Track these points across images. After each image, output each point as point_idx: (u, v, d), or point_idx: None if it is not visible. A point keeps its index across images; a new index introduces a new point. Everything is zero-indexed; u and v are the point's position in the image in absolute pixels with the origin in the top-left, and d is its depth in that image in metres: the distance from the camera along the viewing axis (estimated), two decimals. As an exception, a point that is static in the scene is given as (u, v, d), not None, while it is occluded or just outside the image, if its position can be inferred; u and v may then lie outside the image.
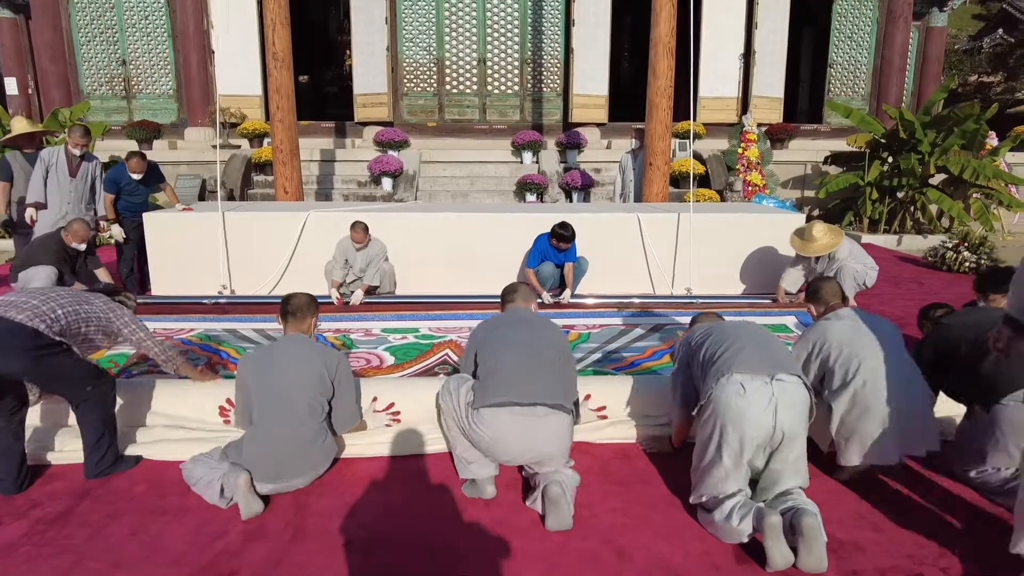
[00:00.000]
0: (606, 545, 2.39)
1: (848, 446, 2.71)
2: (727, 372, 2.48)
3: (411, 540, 2.43)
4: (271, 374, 2.72)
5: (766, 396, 2.41)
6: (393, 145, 11.34)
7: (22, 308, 2.69)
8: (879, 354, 2.70)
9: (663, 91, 7.41)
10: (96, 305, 2.93)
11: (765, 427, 2.39)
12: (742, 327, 2.76)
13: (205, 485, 2.66)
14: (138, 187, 6.18)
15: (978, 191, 9.68)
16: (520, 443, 2.62)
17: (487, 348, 2.81)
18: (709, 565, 2.28)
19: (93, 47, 12.34)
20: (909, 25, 12.95)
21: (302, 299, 2.96)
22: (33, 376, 2.77)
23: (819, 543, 2.22)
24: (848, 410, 2.69)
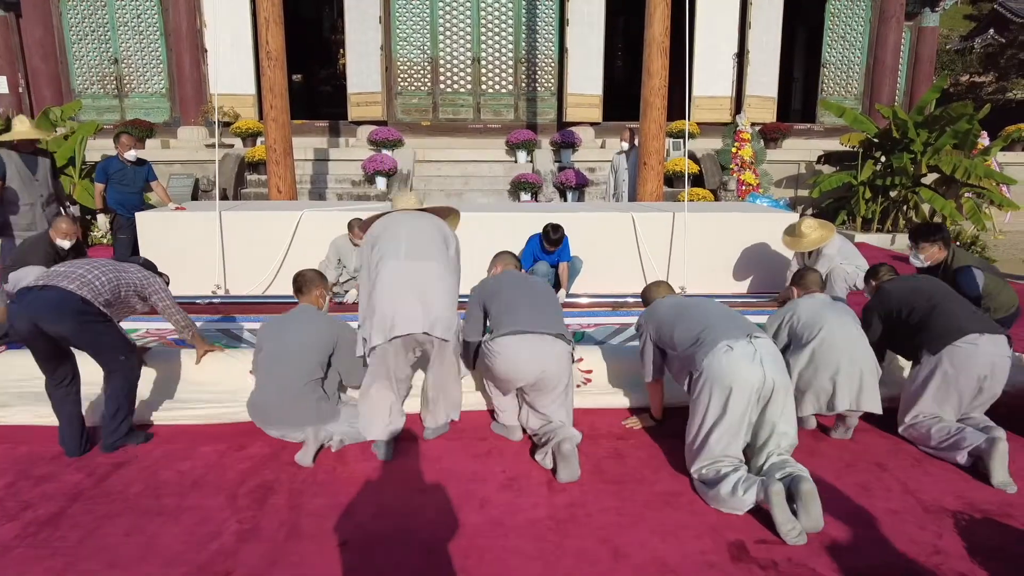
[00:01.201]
0: (602, 544, 2.39)
1: (804, 398, 3.12)
2: (713, 345, 2.75)
3: (407, 539, 2.42)
4: (279, 336, 3.15)
5: (751, 351, 2.72)
6: (387, 144, 11.32)
7: (72, 279, 3.01)
8: (836, 323, 3.13)
9: (657, 91, 7.43)
10: (132, 272, 3.28)
11: (757, 377, 2.67)
12: (706, 305, 3.11)
13: None
14: (130, 174, 6.04)
15: (970, 190, 9.74)
16: (531, 360, 2.99)
17: (496, 299, 3.23)
18: (704, 563, 2.29)
19: (84, 45, 12.26)
20: (901, 25, 13.01)
21: (309, 273, 3.38)
22: (77, 340, 3.00)
23: (816, 505, 2.44)
24: (805, 366, 3.10)
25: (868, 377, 3.08)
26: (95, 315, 3.00)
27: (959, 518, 2.57)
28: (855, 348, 3.09)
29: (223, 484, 2.81)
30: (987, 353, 3.03)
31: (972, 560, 2.30)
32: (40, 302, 2.91)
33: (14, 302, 3.02)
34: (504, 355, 3.00)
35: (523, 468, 2.96)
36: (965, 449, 2.95)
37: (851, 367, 3.04)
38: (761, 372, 2.67)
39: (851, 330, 3.16)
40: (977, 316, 3.20)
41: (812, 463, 3.00)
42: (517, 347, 2.99)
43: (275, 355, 3.11)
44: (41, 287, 2.97)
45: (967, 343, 3.03)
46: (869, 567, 2.27)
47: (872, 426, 3.43)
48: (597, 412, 3.55)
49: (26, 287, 3.03)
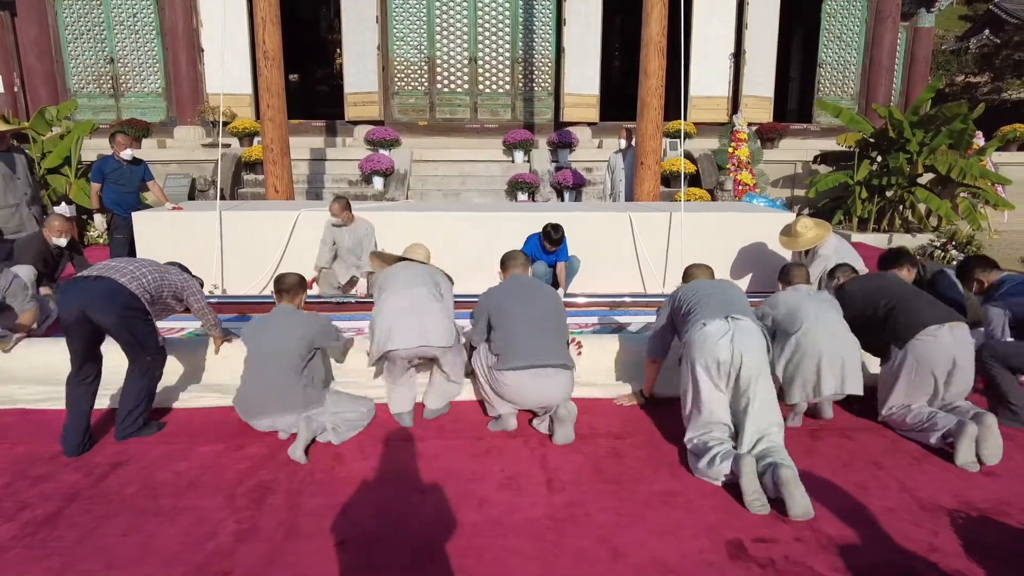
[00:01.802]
0: (601, 544, 2.39)
1: (791, 386, 3.25)
2: (694, 322, 3.06)
3: (405, 539, 2.42)
4: (263, 333, 3.33)
5: (723, 329, 2.98)
6: (384, 144, 11.30)
7: (123, 273, 3.19)
8: (818, 313, 3.29)
9: (654, 91, 7.44)
10: (173, 275, 3.49)
11: (724, 352, 2.92)
12: (714, 285, 3.35)
13: None
14: (126, 173, 6.00)
15: (965, 190, 9.77)
16: (535, 394, 3.28)
17: (500, 315, 3.39)
18: (703, 562, 2.29)
19: (80, 44, 12.22)
20: (897, 25, 13.05)
21: (293, 279, 3.54)
22: (116, 331, 3.14)
23: (799, 490, 2.57)
24: (791, 356, 3.24)
25: (850, 362, 3.21)
26: (139, 311, 3.18)
27: (955, 516, 2.58)
28: (836, 336, 3.24)
29: (220, 484, 2.81)
30: (947, 344, 3.17)
31: (969, 558, 2.31)
32: (91, 291, 3.07)
33: (64, 290, 3.13)
34: (512, 387, 3.28)
35: (522, 468, 2.96)
36: (939, 432, 3.11)
37: (833, 354, 3.18)
38: (730, 348, 2.91)
39: (832, 319, 3.31)
40: (937, 308, 3.32)
41: (810, 462, 3.02)
42: (526, 383, 3.24)
43: (259, 353, 3.28)
44: (94, 277, 3.14)
45: (927, 336, 3.18)
46: (867, 565, 2.28)
47: (869, 425, 3.45)
48: (595, 409, 3.56)
49: (79, 276, 3.19)
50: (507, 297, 3.45)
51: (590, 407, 3.62)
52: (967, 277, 3.83)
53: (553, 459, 3.05)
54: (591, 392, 3.75)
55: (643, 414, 3.57)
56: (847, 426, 3.44)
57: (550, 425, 3.27)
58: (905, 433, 3.30)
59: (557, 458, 3.06)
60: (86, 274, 3.18)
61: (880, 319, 3.37)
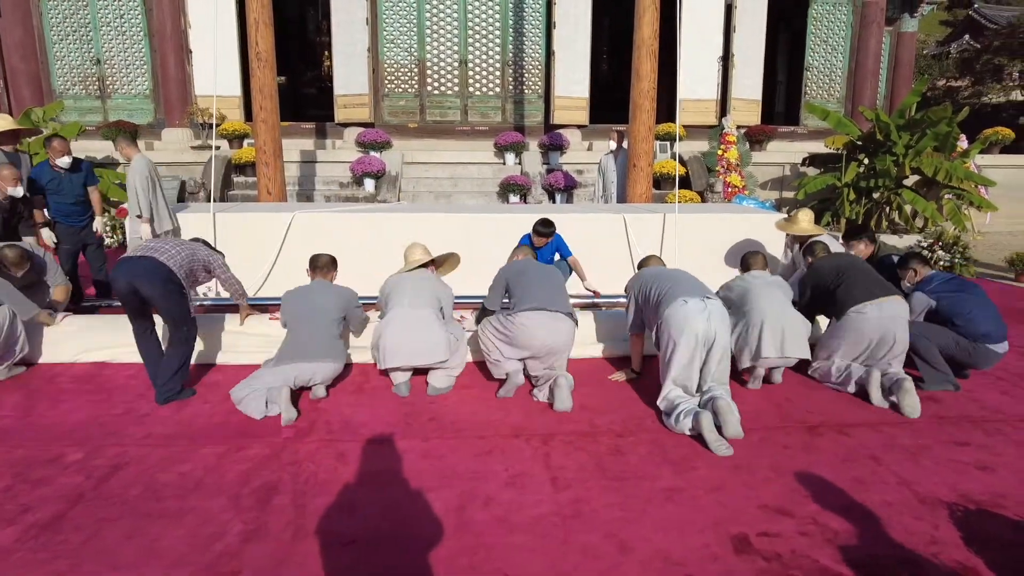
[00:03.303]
0: (607, 539, 2.41)
1: (742, 354, 3.86)
2: (673, 299, 3.48)
3: (414, 538, 2.43)
4: (306, 298, 3.97)
5: (702, 307, 3.42)
6: (375, 146, 11.28)
7: (161, 252, 3.75)
8: (763, 292, 3.89)
9: (646, 93, 7.49)
10: (201, 250, 4.04)
11: (703, 327, 3.38)
12: (676, 271, 3.84)
13: (250, 401, 3.55)
14: (64, 182, 5.34)
15: (950, 192, 9.92)
16: (545, 334, 3.66)
17: (518, 278, 3.90)
18: (708, 556, 2.32)
19: (66, 46, 12.09)
20: (882, 30, 13.24)
21: (326, 258, 4.21)
22: (158, 302, 3.67)
23: (733, 415, 3.20)
24: (741, 329, 3.84)
25: (790, 332, 3.76)
26: (177, 285, 3.71)
27: (954, 509, 2.63)
28: (777, 310, 3.81)
29: (224, 486, 2.79)
30: (876, 317, 3.77)
31: (968, 549, 2.36)
32: (138, 268, 3.63)
33: (116, 267, 3.68)
34: (527, 326, 3.66)
35: (525, 467, 2.98)
36: (853, 381, 3.82)
37: (774, 325, 3.75)
38: (707, 324, 3.38)
39: (775, 296, 3.90)
40: (876, 285, 3.91)
41: (809, 459, 3.07)
42: (536, 321, 3.67)
43: (305, 311, 3.90)
44: (140, 256, 3.70)
45: (860, 311, 3.80)
46: (870, 557, 2.32)
47: (866, 420, 3.50)
48: (597, 408, 3.59)
49: (126, 256, 3.75)
50: (524, 266, 4.03)
51: (593, 405, 3.66)
52: (906, 267, 4.41)
53: (556, 458, 3.06)
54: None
55: (644, 413, 3.60)
56: (845, 423, 3.49)
57: (549, 395, 3.70)
58: (830, 384, 3.98)
59: (560, 456, 3.07)
60: (134, 254, 3.75)
61: (831, 292, 4.01)
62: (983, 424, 3.49)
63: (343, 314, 4.00)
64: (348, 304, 4.05)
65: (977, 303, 4.06)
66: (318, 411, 3.59)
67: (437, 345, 3.84)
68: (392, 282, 4.12)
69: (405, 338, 3.79)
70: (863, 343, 3.83)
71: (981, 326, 3.96)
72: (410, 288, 4.01)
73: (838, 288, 3.95)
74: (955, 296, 4.10)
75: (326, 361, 3.75)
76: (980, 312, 4.00)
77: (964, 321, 3.99)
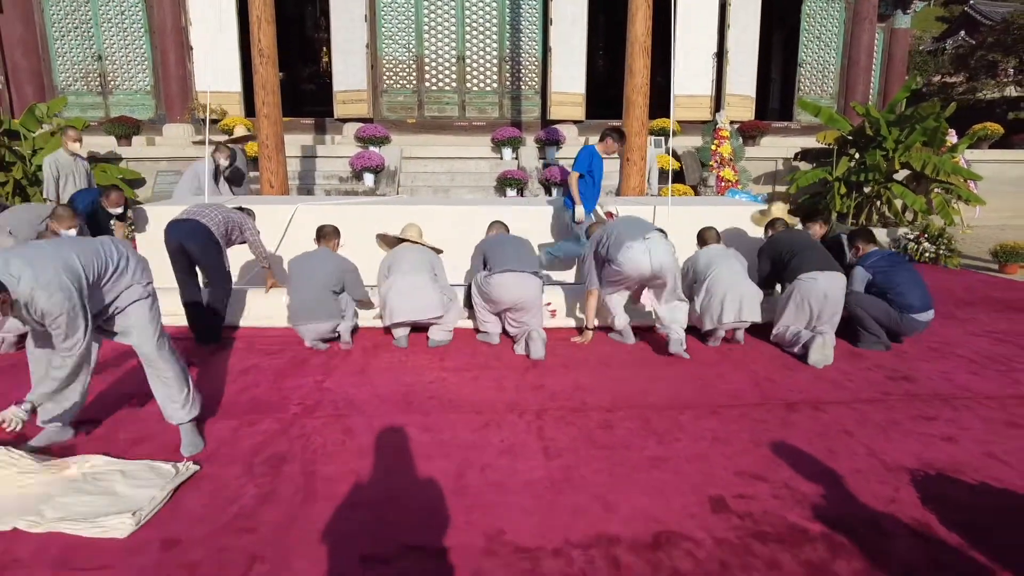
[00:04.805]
0: (594, 500, 2.61)
1: (704, 317, 4.53)
2: (619, 244, 4.25)
3: (415, 499, 2.62)
4: (308, 263, 4.62)
5: (643, 246, 4.22)
6: (374, 141, 11.44)
7: (203, 215, 4.52)
8: (723, 264, 4.53)
9: (639, 89, 7.66)
10: (235, 214, 4.76)
11: (645, 264, 4.21)
12: (628, 223, 4.50)
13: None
14: None
15: (939, 186, 10.12)
16: (515, 288, 4.42)
17: (492, 248, 4.69)
18: (687, 515, 2.52)
19: (67, 42, 12.22)
20: (874, 26, 13.42)
21: (330, 228, 4.90)
22: (201, 257, 4.45)
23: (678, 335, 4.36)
24: (704, 296, 4.49)
25: (747, 299, 4.41)
26: (216, 243, 4.47)
27: (915, 474, 2.84)
28: (736, 280, 4.45)
29: (238, 456, 2.99)
30: (821, 285, 4.38)
31: (924, 508, 2.56)
32: (185, 229, 4.41)
33: (167, 229, 4.43)
34: (501, 285, 4.43)
35: (519, 438, 3.17)
36: (801, 343, 4.39)
37: (733, 293, 4.39)
38: (648, 260, 4.20)
39: (734, 267, 4.54)
40: (822, 259, 4.53)
41: (786, 432, 3.27)
42: (507, 280, 4.43)
43: (306, 275, 4.54)
44: (185, 219, 4.47)
45: (809, 278, 4.42)
46: (835, 516, 2.52)
47: (840, 398, 3.70)
48: (588, 387, 3.79)
49: (175, 219, 4.51)
50: (496, 239, 4.84)
51: (584, 385, 3.86)
52: (852, 244, 4.94)
53: (548, 430, 3.26)
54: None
55: (632, 391, 3.80)
56: (821, 400, 3.69)
57: (525, 347, 4.42)
58: (784, 348, 4.57)
59: (552, 430, 3.27)
60: (180, 217, 4.51)
61: (784, 262, 4.66)
62: (952, 400, 3.70)
63: (339, 281, 4.59)
64: (344, 272, 4.65)
65: (907, 278, 4.59)
66: (323, 390, 3.78)
67: (433, 304, 4.51)
68: (393, 254, 4.83)
69: (406, 298, 4.46)
70: (807, 306, 4.43)
71: (908, 297, 4.50)
72: (409, 258, 4.70)
73: (792, 259, 4.60)
74: (889, 271, 4.63)
75: (323, 321, 4.48)
76: (908, 287, 4.53)
77: (895, 294, 4.53)
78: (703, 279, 4.53)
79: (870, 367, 4.27)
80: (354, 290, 4.73)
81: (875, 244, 4.91)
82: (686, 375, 4.10)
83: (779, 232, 5.01)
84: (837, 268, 4.54)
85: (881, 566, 2.23)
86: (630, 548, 2.30)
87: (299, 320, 4.51)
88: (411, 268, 4.59)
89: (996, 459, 3.00)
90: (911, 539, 2.38)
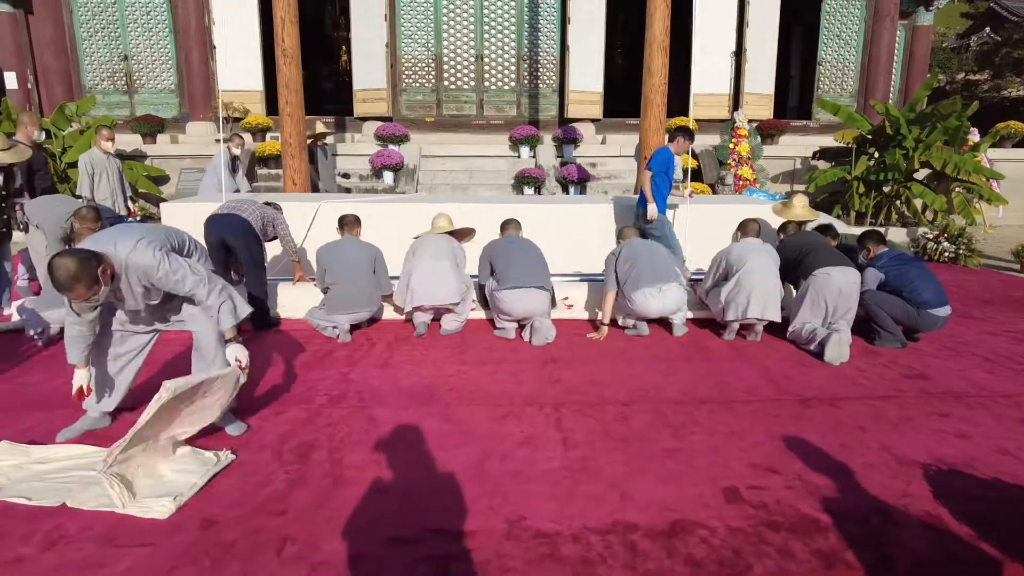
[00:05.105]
0: (610, 488, 2.70)
1: (728, 309, 4.69)
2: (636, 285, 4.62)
3: (439, 485, 2.73)
4: (342, 253, 4.79)
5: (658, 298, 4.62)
6: (394, 140, 11.58)
7: (242, 209, 4.90)
8: (756, 259, 4.65)
9: (657, 88, 7.71)
10: (269, 209, 5.11)
11: (654, 309, 4.67)
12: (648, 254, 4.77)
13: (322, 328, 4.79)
14: None
15: (960, 185, 10.04)
16: (524, 305, 4.66)
17: (499, 257, 4.83)
18: (701, 504, 2.60)
19: (95, 42, 12.50)
20: (895, 24, 13.29)
21: (352, 216, 5.08)
22: (240, 249, 4.81)
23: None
24: (731, 288, 4.66)
25: (772, 298, 4.58)
26: (256, 237, 4.85)
27: (928, 469, 2.89)
28: (766, 277, 4.59)
29: (266, 443, 3.11)
30: (836, 280, 4.51)
31: (936, 501, 2.62)
32: (226, 222, 4.77)
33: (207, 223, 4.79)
34: (508, 301, 4.66)
35: (538, 430, 3.27)
36: (817, 340, 4.44)
37: (762, 289, 4.54)
38: (660, 306, 4.65)
39: (767, 264, 4.65)
40: (836, 257, 4.68)
41: (800, 426, 3.33)
42: (514, 298, 4.65)
43: (346, 267, 4.72)
44: (226, 214, 4.83)
45: (823, 274, 4.56)
46: (847, 508, 2.58)
47: (854, 394, 3.75)
48: (604, 382, 3.87)
49: (214, 214, 4.86)
50: (503, 245, 4.95)
51: (601, 380, 3.94)
52: (863, 246, 5.07)
53: (567, 423, 3.35)
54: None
55: (648, 386, 3.88)
56: (836, 397, 3.75)
57: (531, 335, 4.68)
58: (800, 345, 4.63)
59: (570, 422, 3.36)
60: (220, 212, 4.86)
61: (799, 261, 4.81)
62: (966, 399, 3.73)
63: (373, 265, 4.82)
64: (376, 256, 4.86)
65: (920, 275, 4.68)
66: (349, 382, 3.90)
67: (452, 290, 4.74)
68: (418, 240, 5.05)
69: (428, 283, 4.71)
70: (822, 302, 4.56)
71: (923, 294, 4.59)
72: (432, 245, 4.92)
73: (805, 257, 4.76)
74: (901, 269, 4.74)
75: (362, 310, 4.81)
76: (922, 283, 4.62)
77: (909, 291, 4.63)
78: (735, 271, 4.67)
79: (885, 364, 4.31)
80: (383, 276, 4.89)
81: (885, 245, 5.02)
82: (702, 371, 4.17)
83: (791, 235, 5.19)
84: (850, 264, 4.67)
85: (892, 556, 2.29)
86: (646, 535, 2.39)
87: (340, 310, 4.70)
88: (434, 254, 4.80)
89: (1009, 455, 3.04)
90: (922, 530, 2.44)
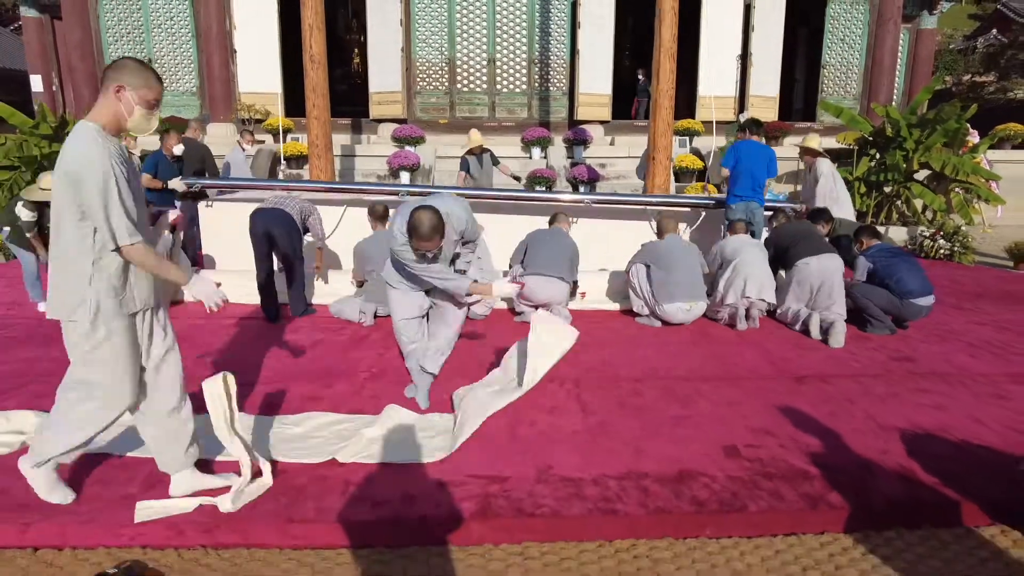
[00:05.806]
0: (626, 446, 3.09)
1: (727, 291, 5.13)
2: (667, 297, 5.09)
3: (475, 443, 3.11)
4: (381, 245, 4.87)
5: (684, 314, 5.13)
6: (410, 141, 11.98)
7: (285, 204, 5.25)
8: (749, 251, 5.20)
9: (665, 92, 8.08)
10: (306, 203, 5.47)
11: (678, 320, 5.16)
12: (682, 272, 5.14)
13: (350, 313, 5.21)
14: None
15: (959, 186, 10.36)
16: (543, 292, 5.17)
17: (533, 245, 5.38)
18: (705, 459, 2.98)
19: (120, 46, 12.94)
20: (899, 27, 13.60)
21: (381, 208, 5.52)
22: (283, 242, 5.12)
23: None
24: (731, 273, 5.13)
25: (766, 282, 5.11)
26: (297, 229, 5.21)
27: (905, 433, 3.27)
28: (760, 264, 5.14)
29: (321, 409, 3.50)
30: (817, 268, 5.04)
31: (910, 457, 3.00)
32: (271, 215, 5.11)
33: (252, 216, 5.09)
34: (530, 287, 5.00)
35: (560, 401, 3.66)
36: (800, 320, 5.04)
37: (756, 275, 5.05)
38: (682, 318, 5.13)
39: (757, 255, 5.21)
40: (815, 246, 5.18)
41: (794, 399, 3.71)
42: (536, 283, 5.11)
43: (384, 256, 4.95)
44: (271, 208, 5.17)
45: (803, 263, 5.10)
46: (831, 462, 2.97)
47: (845, 372, 4.12)
48: (617, 363, 4.25)
49: (260, 207, 5.17)
50: (541, 235, 5.47)
51: (614, 361, 4.34)
52: (857, 239, 5.50)
53: (585, 396, 3.74)
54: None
55: (658, 366, 4.27)
56: (828, 375, 4.12)
57: None
58: (788, 326, 5.19)
59: (588, 395, 3.75)
60: (265, 206, 5.19)
61: (785, 249, 5.31)
62: (947, 377, 4.10)
63: None
64: None
65: (906, 267, 5.04)
66: (386, 360, 4.30)
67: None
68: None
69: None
70: (806, 287, 5.10)
71: (907, 284, 4.94)
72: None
73: (791, 248, 5.25)
74: (889, 261, 5.10)
75: None
76: (908, 274, 4.98)
77: (894, 281, 4.99)
78: (731, 261, 5.19)
79: (876, 348, 4.69)
80: None
81: (878, 239, 5.43)
82: (707, 353, 4.56)
83: (783, 224, 5.67)
84: (831, 250, 5.16)
85: (868, 499, 2.67)
86: (657, 480, 2.78)
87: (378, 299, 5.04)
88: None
89: (980, 423, 3.41)
90: (895, 480, 2.82)
